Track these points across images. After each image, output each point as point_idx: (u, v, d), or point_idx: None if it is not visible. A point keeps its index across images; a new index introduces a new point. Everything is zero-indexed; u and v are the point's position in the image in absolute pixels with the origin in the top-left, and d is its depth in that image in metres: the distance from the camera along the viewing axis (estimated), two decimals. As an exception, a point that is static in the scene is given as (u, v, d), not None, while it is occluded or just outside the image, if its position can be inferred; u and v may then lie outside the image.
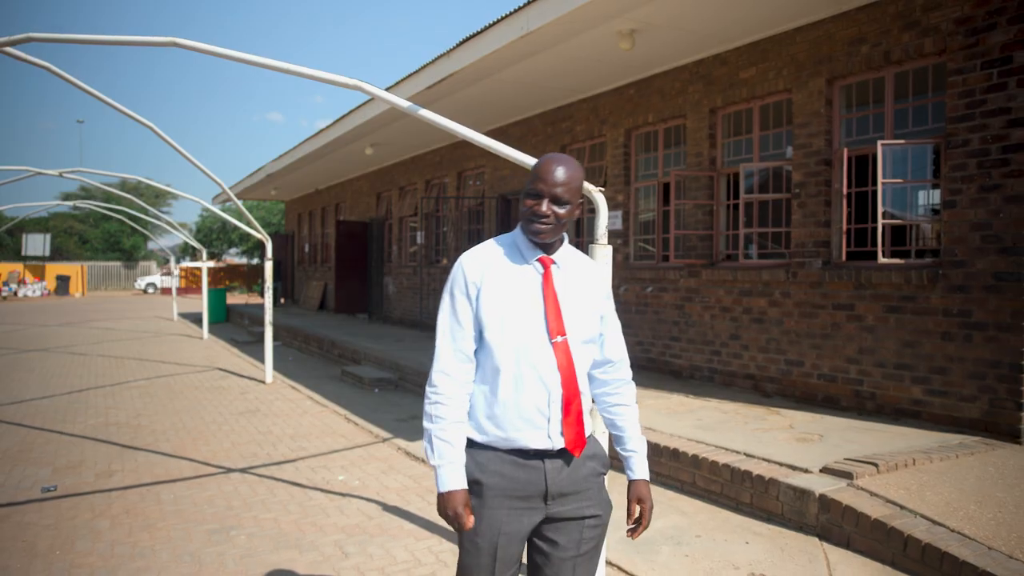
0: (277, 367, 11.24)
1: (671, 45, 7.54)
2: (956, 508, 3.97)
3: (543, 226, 2.04)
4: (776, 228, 7.27)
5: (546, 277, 2.08)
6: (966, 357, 5.56)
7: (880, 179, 5.90)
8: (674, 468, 5.10)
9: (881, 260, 6.10)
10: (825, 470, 4.49)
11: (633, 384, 2.30)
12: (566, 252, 2.17)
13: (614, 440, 2.28)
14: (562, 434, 2.03)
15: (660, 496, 4.93)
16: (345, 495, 5.12)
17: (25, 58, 5.13)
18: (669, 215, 8.38)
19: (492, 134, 11.93)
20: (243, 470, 5.76)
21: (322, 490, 5.24)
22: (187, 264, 42.61)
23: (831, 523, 4.06)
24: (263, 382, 10.11)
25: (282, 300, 24.16)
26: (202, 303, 17.56)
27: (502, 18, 6.92)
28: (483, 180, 12.65)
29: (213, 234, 47.73)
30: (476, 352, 2.10)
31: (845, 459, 4.63)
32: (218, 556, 4.04)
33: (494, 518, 2.03)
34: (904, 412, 5.96)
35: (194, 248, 18.91)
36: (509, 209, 10.59)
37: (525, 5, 6.56)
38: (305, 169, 17.23)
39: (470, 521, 2.01)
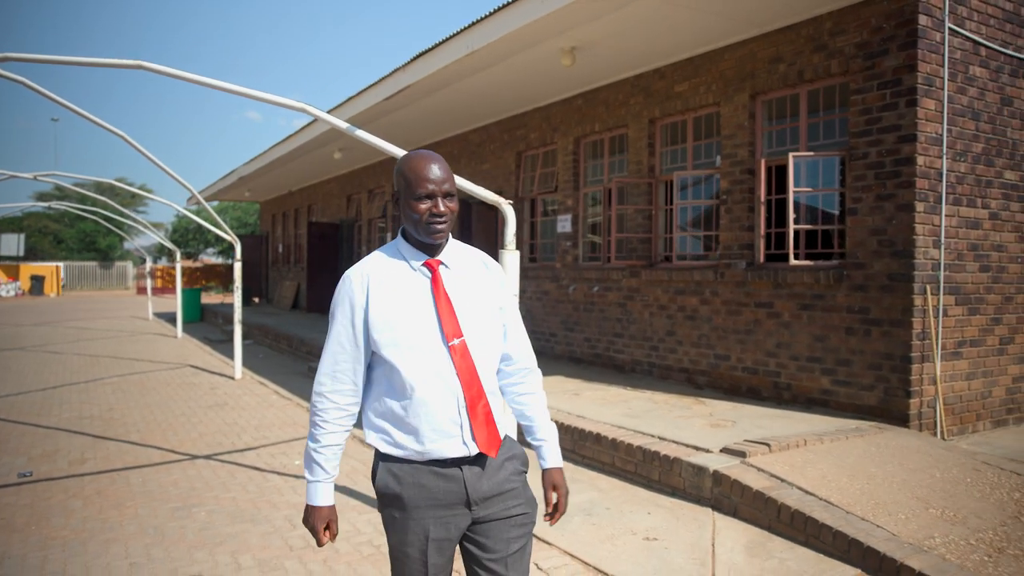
0: (247, 364, 11.69)
1: (611, 60, 8.09)
2: (830, 481, 4.54)
3: (442, 225, 2.03)
4: (708, 232, 7.85)
5: (435, 280, 2.05)
6: (865, 350, 6.15)
7: (791, 188, 6.48)
8: (596, 451, 5.64)
9: (792, 262, 6.68)
10: (724, 450, 5.05)
11: (538, 372, 2.31)
12: (453, 250, 2.13)
13: (524, 430, 2.28)
14: (474, 438, 2.03)
15: (581, 475, 5.48)
16: (299, 477, 5.60)
17: (3, 75, 5.58)
18: (612, 219, 8.94)
19: (453, 140, 12.47)
20: (207, 457, 6.24)
21: (279, 473, 5.73)
22: (163, 264, 42.67)
23: (722, 495, 4.62)
24: (232, 378, 10.55)
25: (256, 300, 24.51)
26: (177, 303, 17.90)
27: (449, 37, 7.44)
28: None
29: (189, 234, 47.81)
30: (377, 369, 2.09)
31: (744, 440, 5.21)
32: (179, 529, 4.52)
33: (419, 527, 2.04)
34: (815, 401, 6.55)
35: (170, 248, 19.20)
36: (470, 212, 11.09)
37: (469, 26, 7.08)
38: (277, 172, 17.65)
39: (324, 539, 2.11)
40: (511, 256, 3.94)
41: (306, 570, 3.90)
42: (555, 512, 2.22)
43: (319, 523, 2.11)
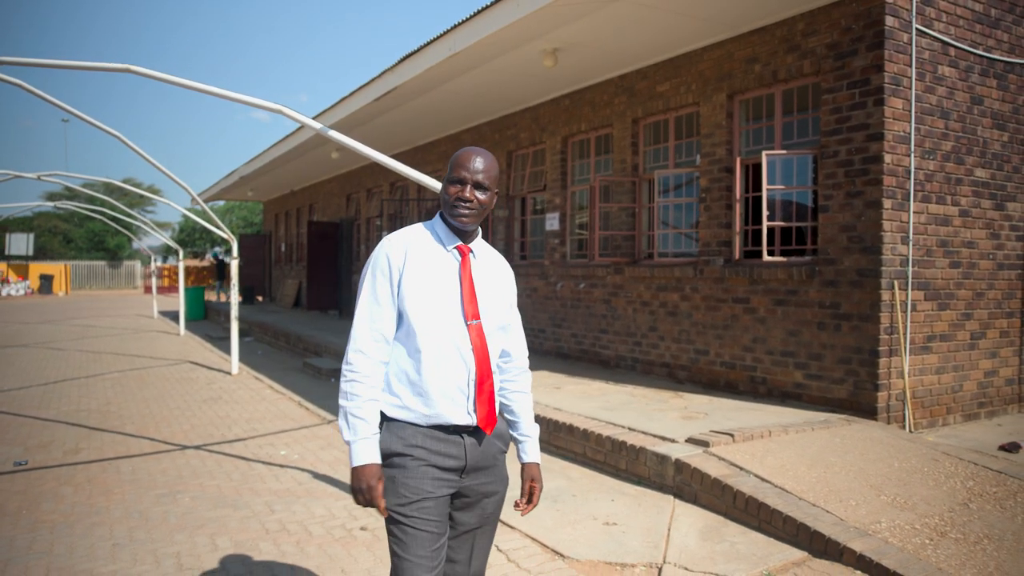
0: (245, 360, 11.92)
1: (595, 61, 8.25)
2: (787, 469, 4.70)
3: (467, 211, 2.16)
4: (688, 229, 8.01)
5: (464, 264, 2.21)
6: (836, 344, 6.30)
7: (764, 185, 6.63)
8: (569, 441, 5.82)
9: (766, 258, 6.84)
10: (689, 440, 5.21)
11: (529, 373, 2.47)
12: (480, 244, 2.30)
13: (509, 425, 2.41)
14: (475, 411, 2.17)
15: (553, 464, 5.66)
16: (283, 466, 5.80)
17: (2, 77, 5.81)
18: (596, 217, 9.10)
19: (446, 140, 12.66)
20: (197, 447, 6.44)
21: (264, 462, 5.93)
22: (171, 263, 43.03)
23: (684, 483, 4.79)
24: (229, 373, 10.77)
25: (260, 298, 24.79)
26: (180, 301, 18.16)
27: (433, 40, 7.63)
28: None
29: (196, 234, 48.18)
30: (397, 332, 2.19)
31: (710, 431, 5.37)
32: (163, 513, 4.72)
33: (420, 485, 2.13)
34: (789, 395, 6.70)
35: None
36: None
37: (452, 28, 7.26)
38: (277, 172, 17.88)
39: (382, 500, 2.09)
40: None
41: (279, 551, 4.09)
42: (528, 504, 2.35)
43: (374, 480, 2.08)
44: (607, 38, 7.49)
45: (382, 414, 2.19)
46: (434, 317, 2.14)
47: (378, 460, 2.10)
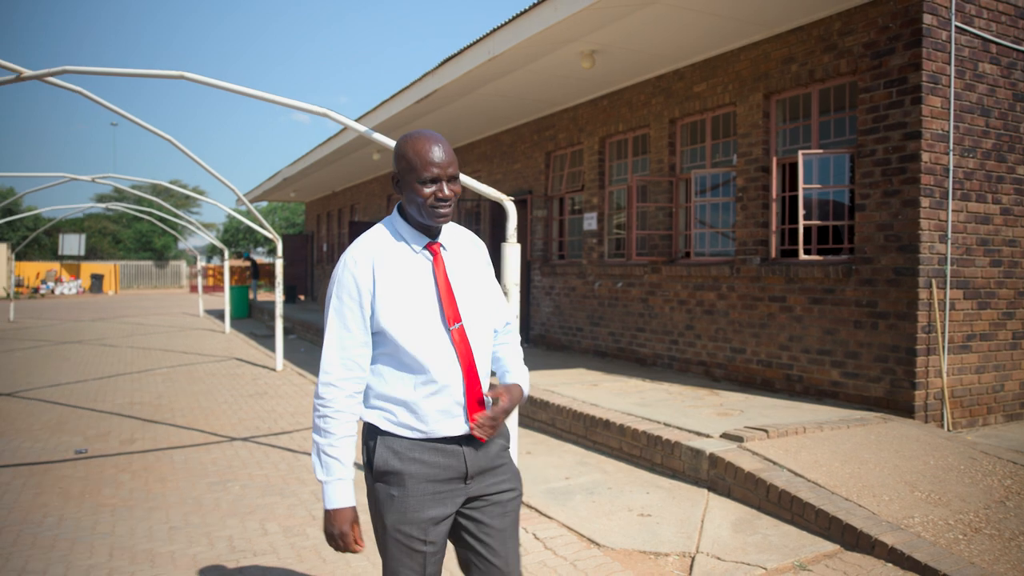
0: (289, 357, 12.24)
1: (632, 62, 8.34)
2: (821, 465, 4.75)
3: (447, 208, 2.04)
4: (725, 228, 8.05)
5: (437, 264, 2.07)
6: (873, 343, 6.31)
7: (801, 184, 6.66)
8: (605, 436, 5.93)
9: (802, 257, 6.86)
10: (724, 435, 5.29)
11: (518, 335, 2.39)
12: (449, 232, 2.16)
13: (499, 376, 2.31)
14: (468, 420, 2.08)
15: (591, 459, 5.78)
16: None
17: (63, 85, 6.10)
18: (633, 216, 9.18)
19: (486, 141, 12.83)
20: (245, 439, 6.69)
21: (308, 454, 6.14)
22: (215, 263, 44.00)
23: (718, 477, 4.87)
24: (274, 370, 11.08)
25: (302, 297, 25.27)
26: (225, 300, 18.65)
27: (471, 44, 7.79)
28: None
29: (240, 234, 49.19)
30: (380, 349, 2.07)
31: (744, 427, 5.44)
32: (215, 500, 4.95)
33: (419, 504, 2.04)
34: (825, 393, 6.72)
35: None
36: (503, 210, 11.43)
37: (490, 32, 7.42)
38: (319, 173, 18.26)
39: (358, 545, 2.02)
40: (512, 249, 4.26)
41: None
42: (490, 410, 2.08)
43: (347, 526, 2.00)
44: (644, 40, 7.58)
45: (375, 428, 2.09)
46: (414, 330, 2.01)
47: (352, 503, 2.01)
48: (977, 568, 3.55)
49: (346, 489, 2.01)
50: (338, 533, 2.00)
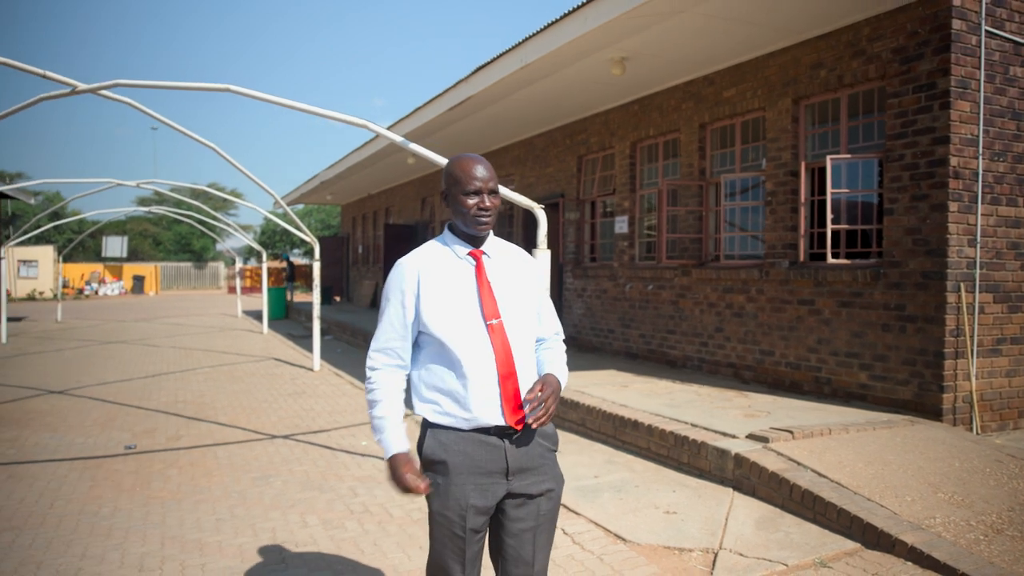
0: (325, 357, 12.54)
1: (662, 68, 8.45)
2: (845, 465, 4.84)
3: (487, 217, 2.27)
4: (754, 232, 8.13)
5: (478, 268, 2.30)
6: (901, 346, 6.35)
7: (829, 189, 6.72)
8: (634, 436, 6.06)
9: (831, 261, 6.92)
10: (750, 436, 5.39)
11: (563, 344, 2.54)
12: (493, 242, 2.39)
13: (539, 373, 2.40)
14: (503, 410, 2.23)
15: (619, 458, 5.92)
16: (365, 455, 6.23)
17: (114, 97, 6.41)
18: (664, 220, 9.28)
19: (519, 145, 13.02)
20: (285, 436, 6.95)
21: (346, 451, 6.37)
22: (252, 265, 44.81)
23: (743, 476, 4.98)
24: (311, 370, 11.38)
25: (337, 298, 25.69)
26: (263, 301, 19.08)
27: (504, 52, 7.98)
28: (513, 187, 13.70)
29: (276, 236, 50.01)
30: (426, 350, 2.30)
31: (770, 428, 5.53)
32: (258, 493, 5.19)
33: (461, 493, 2.22)
34: (853, 395, 6.77)
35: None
36: (514, 215, 11.60)
37: (522, 41, 7.59)
38: (355, 176, 18.61)
39: (420, 484, 2.18)
40: (543, 254, 4.43)
41: (363, 529, 4.49)
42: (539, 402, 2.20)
43: (401, 468, 2.20)
44: (674, 47, 7.69)
45: (424, 422, 2.32)
46: (455, 325, 2.23)
47: (402, 448, 2.23)
48: (996, 568, 3.62)
49: (395, 438, 2.25)
50: (396, 476, 2.21)
